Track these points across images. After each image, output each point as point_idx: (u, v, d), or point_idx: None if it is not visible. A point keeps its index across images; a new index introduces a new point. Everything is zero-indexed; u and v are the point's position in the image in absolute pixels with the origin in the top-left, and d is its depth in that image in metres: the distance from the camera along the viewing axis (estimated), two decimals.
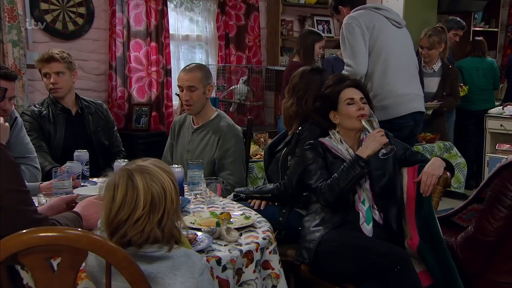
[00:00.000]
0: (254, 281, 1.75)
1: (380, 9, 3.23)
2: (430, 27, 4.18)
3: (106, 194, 1.37)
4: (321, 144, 2.39)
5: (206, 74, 2.91)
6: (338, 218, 2.24)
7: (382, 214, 2.27)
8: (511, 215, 2.03)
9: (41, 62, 3.02)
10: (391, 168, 2.33)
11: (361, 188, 2.29)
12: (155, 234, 1.35)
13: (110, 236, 1.36)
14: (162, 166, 1.41)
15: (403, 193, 2.34)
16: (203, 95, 2.87)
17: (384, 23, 3.16)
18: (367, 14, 3.16)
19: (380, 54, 3.10)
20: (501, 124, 5.15)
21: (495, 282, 2.08)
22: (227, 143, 2.84)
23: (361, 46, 3.07)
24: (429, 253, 2.12)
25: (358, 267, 2.10)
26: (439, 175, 2.23)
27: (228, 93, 4.94)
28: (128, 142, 3.78)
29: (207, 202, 2.29)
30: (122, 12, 4.46)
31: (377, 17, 3.16)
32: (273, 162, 2.70)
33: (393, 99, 3.08)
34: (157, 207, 1.35)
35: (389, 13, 3.22)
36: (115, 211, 1.34)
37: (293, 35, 5.55)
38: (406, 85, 3.15)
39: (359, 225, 2.24)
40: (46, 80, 3.04)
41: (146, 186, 1.34)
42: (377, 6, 3.25)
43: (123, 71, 4.52)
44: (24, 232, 1.25)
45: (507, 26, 6.96)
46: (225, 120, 2.95)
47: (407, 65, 3.20)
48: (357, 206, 2.27)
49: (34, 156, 2.66)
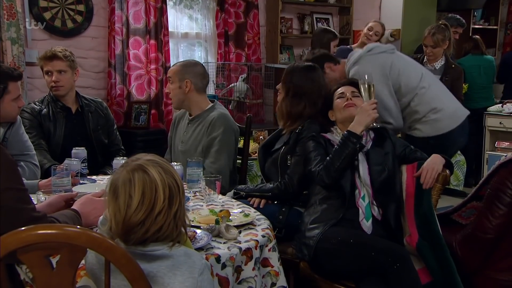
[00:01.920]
0: (253, 278, 1.75)
1: (395, 50, 3.05)
2: (433, 25, 4.16)
3: (120, 191, 1.32)
4: (322, 137, 2.44)
5: (185, 69, 2.91)
6: (337, 214, 2.24)
7: (381, 210, 2.28)
8: (510, 212, 2.04)
9: (44, 59, 3.01)
10: (390, 164, 2.34)
11: (362, 183, 2.29)
12: (171, 228, 1.34)
13: (124, 235, 1.33)
14: (164, 160, 1.42)
15: (402, 190, 2.34)
16: (179, 90, 2.89)
17: (397, 57, 3.00)
18: (382, 58, 2.94)
19: (408, 85, 2.93)
20: (500, 122, 5.15)
21: (493, 280, 2.08)
22: (215, 131, 2.83)
23: (389, 99, 2.87)
24: (428, 251, 2.12)
25: (357, 265, 2.10)
26: (439, 171, 2.23)
27: (228, 91, 4.94)
28: (127, 140, 3.78)
29: (206, 199, 2.28)
30: (121, 9, 4.45)
31: (390, 56, 2.97)
32: (270, 161, 2.69)
33: (441, 114, 2.95)
34: (174, 199, 1.35)
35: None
36: (134, 208, 1.30)
37: (292, 33, 5.55)
38: (446, 99, 3.02)
39: (359, 222, 2.24)
40: (47, 78, 3.03)
41: (163, 178, 1.33)
42: (391, 48, 3.05)
43: (122, 68, 4.51)
44: (22, 229, 1.25)
45: (506, 24, 6.96)
46: (218, 110, 2.93)
47: (434, 81, 3.08)
48: (357, 202, 2.27)
49: (33, 153, 2.66)
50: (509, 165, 2.09)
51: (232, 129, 2.90)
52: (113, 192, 1.34)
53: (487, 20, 6.79)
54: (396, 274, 2.00)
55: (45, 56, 3.01)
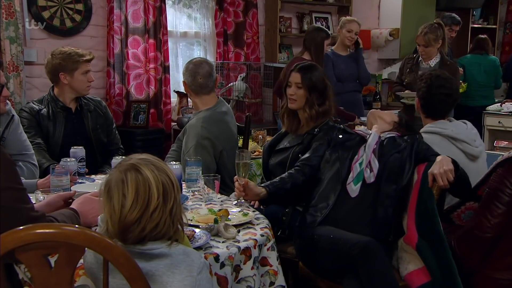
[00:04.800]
0: (252, 277, 1.75)
1: (459, 140, 2.63)
2: (426, 24, 4.16)
3: (113, 192, 1.34)
4: (355, 133, 2.52)
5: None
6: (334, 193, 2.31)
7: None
8: (508, 211, 2.04)
9: (86, 62, 3.06)
10: (406, 155, 2.34)
11: (364, 149, 2.33)
12: (168, 225, 1.35)
13: (121, 235, 1.34)
14: (157, 158, 1.43)
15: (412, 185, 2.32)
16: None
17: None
18: (440, 145, 2.55)
19: None
20: (499, 121, 5.15)
21: (492, 278, 2.08)
22: (188, 143, 2.84)
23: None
24: (428, 251, 2.12)
25: (330, 261, 2.13)
26: (452, 169, 2.15)
27: (227, 90, 4.94)
28: (126, 139, 3.78)
29: (205, 199, 2.28)
30: (120, 8, 4.45)
31: (451, 149, 2.58)
32: (276, 161, 2.68)
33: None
34: (168, 196, 1.36)
35: (469, 146, 2.64)
36: (128, 207, 1.31)
37: (291, 32, 5.55)
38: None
39: (340, 186, 2.29)
40: (83, 78, 3.05)
41: (156, 176, 1.34)
42: (455, 137, 2.63)
43: (121, 68, 4.51)
44: (21, 228, 1.24)
45: (505, 23, 6.96)
46: (198, 116, 2.92)
47: None
48: (352, 166, 2.32)
49: (31, 153, 2.66)
50: (506, 164, 2.09)
51: (200, 144, 2.81)
52: (107, 193, 1.35)
53: (486, 19, 6.80)
54: (365, 266, 1.99)
55: (89, 58, 3.08)
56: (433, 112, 2.72)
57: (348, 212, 2.26)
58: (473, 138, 2.70)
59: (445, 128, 2.66)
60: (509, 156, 2.09)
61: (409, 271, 2.18)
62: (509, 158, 2.08)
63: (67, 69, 3.01)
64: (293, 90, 2.64)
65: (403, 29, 5.78)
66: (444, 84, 2.69)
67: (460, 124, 2.73)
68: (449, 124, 2.70)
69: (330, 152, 2.43)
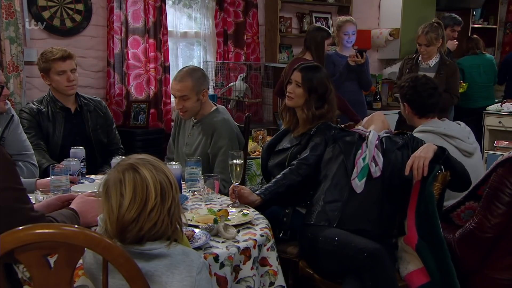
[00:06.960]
0: (251, 278, 1.75)
1: (452, 137, 2.69)
2: (426, 23, 4.16)
3: (111, 192, 1.34)
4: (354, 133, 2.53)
5: (199, 81, 2.82)
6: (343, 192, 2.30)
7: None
8: (508, 211, 2.04)
9: (57, 60, 2.96)
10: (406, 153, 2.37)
11: (366, 144, 2.34)
12: (166, 225, 1.35)
13: (119, 234, 1.34)
14: (156, 158, 1.43)
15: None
16: (197, 102, 2.83)
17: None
18: (434, 142, 2.42)
19: None
20: (499, 121, 5.15)
21: (492, 279, 2.08)
22: (219, 141, 2.81)
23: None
24: (427, 252, 2.12)
25: (334, 264, 2.13)
26: (430, 158, 2.17)
27: (227, 90, 4.94)
28: (126, 139, 3.77)
29: (205, 199, 2.28)
30: (120, 8, 4.45)
31: (445, 145, 2.46)
32: (275, 161, 2.68)
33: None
34: (166, 196, 1.36)
35: (463, 143, 2.70)
36: (126, 206, 1.32)
37: (291, 32, 5.54)
38: None
39: (350, 181, 2.29)
40: (59, 78, 2.99)
41: (153, 176, 1.35)
42: (448, 134, 2.69)
43: (121, 68, 4.51)
44: (20, 228, 1.24)
45: (505, 23, 6.96)
46: (221, 115, 2.91)
47: None
48: (356, 161, 2.32)
49: (31, 153, 2.66)
50: (506, 164, 2.09)
51: (235, 136, 2.88)
52: (105, 193, 1.36)
53: (486, 19, 6.79)
54: (370, 272, 2.00)
55: (62, 55, 2.97)
56: (424, 109, 2.77)
57: (357, 208, 2.27)
58: (467, 135, 2.76)
59: (437, 126, 2.73)
60: (509, 156, 2.09)
61: (409, 271, 2.18)
62: (510, 158, 2.08)
63: (44, 70, 3.01)
64: (292, 87, 2.64)
65: (403, 29, 5.77)
66: (426, 82, 2.78)
67: (453, 123, 2.81)
68: (441, 123, 2.77)
69: (332, 148, 2.44)
